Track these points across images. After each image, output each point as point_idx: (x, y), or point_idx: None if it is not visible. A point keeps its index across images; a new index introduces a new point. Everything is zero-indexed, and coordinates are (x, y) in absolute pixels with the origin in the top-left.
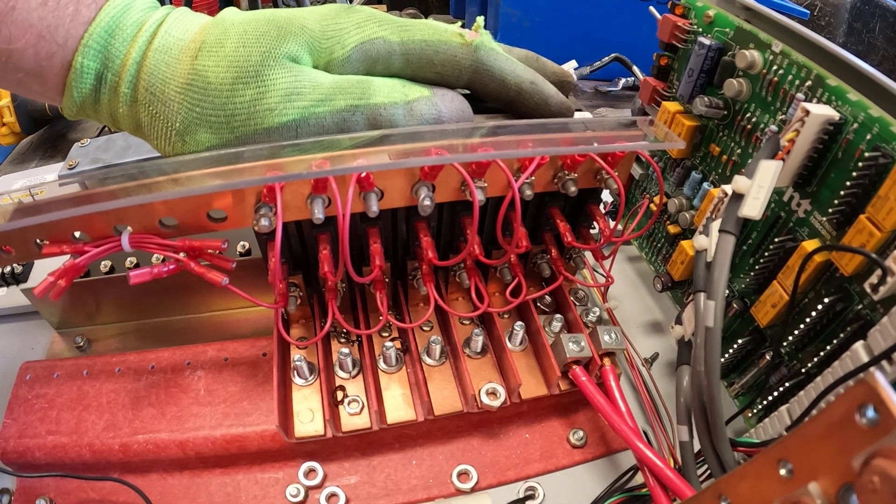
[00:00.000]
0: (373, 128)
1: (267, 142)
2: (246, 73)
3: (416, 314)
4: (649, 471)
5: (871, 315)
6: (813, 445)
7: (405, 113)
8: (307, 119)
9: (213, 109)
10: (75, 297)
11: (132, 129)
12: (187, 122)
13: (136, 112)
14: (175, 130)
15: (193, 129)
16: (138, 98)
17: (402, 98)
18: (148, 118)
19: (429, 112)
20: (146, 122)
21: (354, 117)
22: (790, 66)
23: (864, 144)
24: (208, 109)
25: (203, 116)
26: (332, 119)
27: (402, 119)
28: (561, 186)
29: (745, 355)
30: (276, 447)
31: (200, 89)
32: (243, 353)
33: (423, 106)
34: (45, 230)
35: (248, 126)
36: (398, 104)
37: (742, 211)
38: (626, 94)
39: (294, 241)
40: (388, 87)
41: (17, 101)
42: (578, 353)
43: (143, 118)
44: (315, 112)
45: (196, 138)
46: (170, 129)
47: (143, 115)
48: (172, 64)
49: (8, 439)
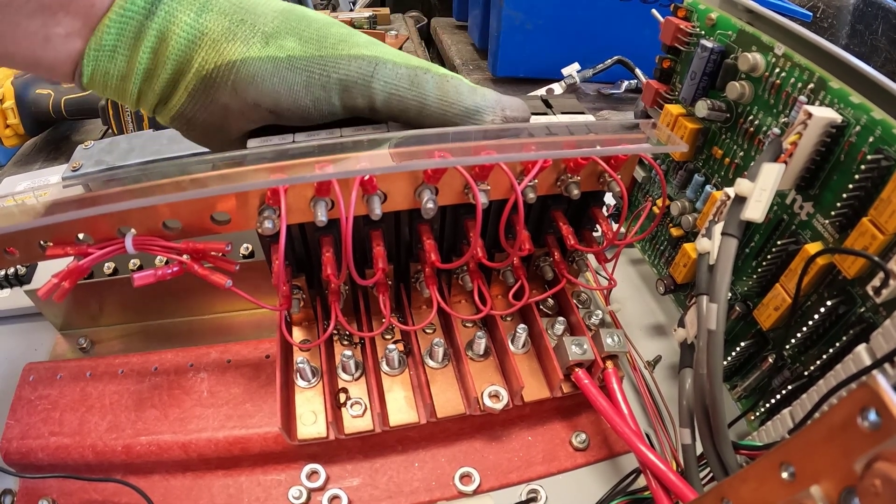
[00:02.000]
0: (441, 93)
1: (345, 69)
2: (342, 24)
3: (418, 317)
4: (652, 474)
5: (874, 318)
6: (815, 448)
7: (469, 89)
8: (385, 62)
9: (308, 29)
10: (79, 299)
11: (189, 39)
12: (279, 29)
13: (207, 20)
14: (262, 33)
15: (283, 35)
16: (217, 7)
17: (467, 80)
18: (227, 23)
19: (491, 94)
20: (222, 27)
21: (426, 76)
22: (792, 69)
23: (867, 147)
24: (304, 27)
25: (297, 30)
26: (405, 71)
27: (467, 93)
28: (564, 189)
29: (748, 358)
30: (279, 449)
31: (300, 16)
32: (246, 355)
33: (486, 90)
34: (50, 232)
35: (336, 49)
36: (465, 81)
37: (744, 214)
38: (629, 97)
39: (297, 243)
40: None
41: (21, 103)
42: (581, 356)
43: (218, 23)
44: (393, 59)
45: (282, 43)
46: (255, 31)
47: (218, 21)
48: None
49: (11, 440)
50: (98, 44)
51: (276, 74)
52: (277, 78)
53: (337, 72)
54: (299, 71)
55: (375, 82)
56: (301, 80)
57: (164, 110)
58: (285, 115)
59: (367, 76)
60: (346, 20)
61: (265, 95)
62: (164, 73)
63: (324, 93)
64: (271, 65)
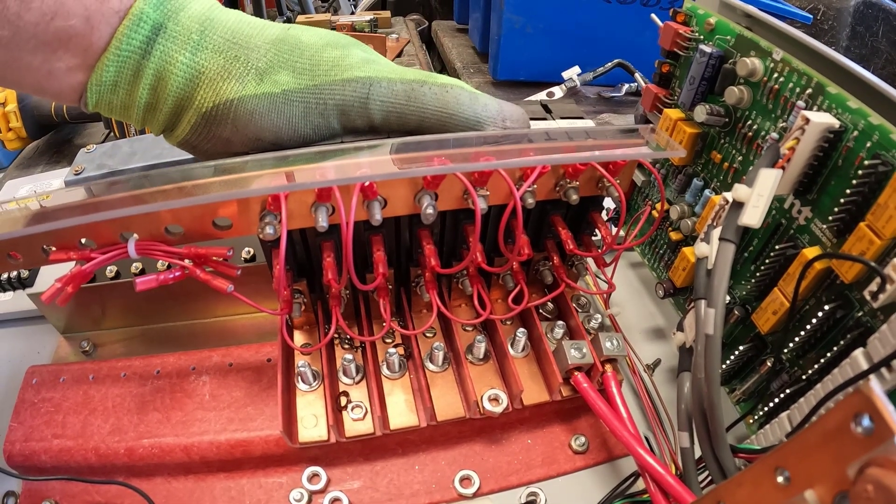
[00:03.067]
0: (440, 104)
1: (340, 94)
2: (335, 43)
3: (419, 321)
4: (650, 477)
5: (871, 322)
6: (810, 453)
7: (470, 98)
8: (380, 81)
9: (300, 59)
10: (81, 302)
11: (185, 78)
12: (272, 63)
13: (202, 59)
14: (255, 70)
15: (276, 70)
16: (211, 45)
17: (468, 86)
18: (222, 61)
19: (492, 104)
20: (217, 65)
21: (423, 88)
22: (791, 74)
23: (864, 152)
24: (296, 57)
25: (289, 62)
26: (402, 87)
27: (468, 102)
28: (563, 195)
29: (747, 361)
30: (280, 452)
31: (292, 45)
32: (248, 358)
33: (487, 98)
34: (53, 237)
35: (329, 75)
36: (465, 89)
37: (742, 219)
38: (629, 100)
39: (298, 248)
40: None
41: (23, 106)
42: (580, 360)
43: (213, 62)
44: (388, 77)
45: (275, 78)
46: (249, 69)
47: (213, 60)
48: (257, 26)
49: (14, 443)
50: (98, 80)
51: (274, 110)
52: (275, 113)
53: (333, 98)
54: (296, 103)
55: (372, 103)
56: (299, 112)
57: (170, 137)
58: (287, 144)
59: (362, 98)
60: (347, 24)
61: (265, 130)
62: (165, 108)
63: (322, 119)
64: (268, 101)
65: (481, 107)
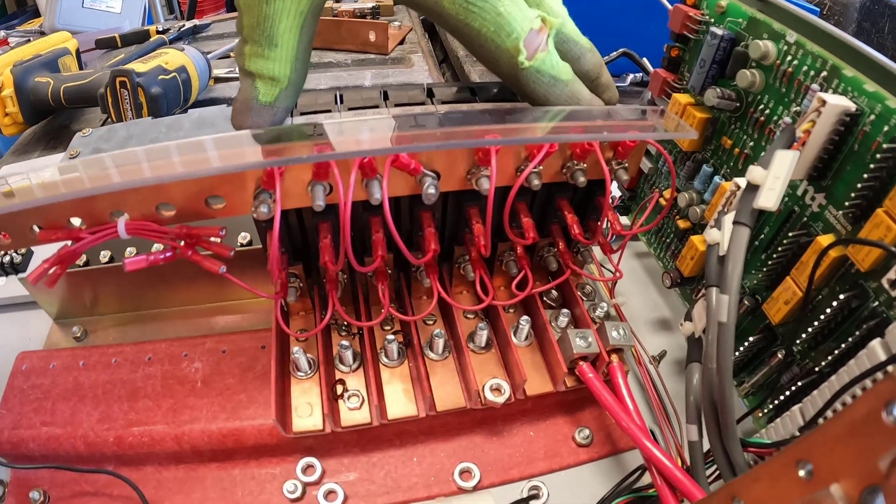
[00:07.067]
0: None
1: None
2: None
3: (418, 307)
4: (657, 470)
5: (888, 312)
6: (835, 445)
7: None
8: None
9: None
10: (73, 288)
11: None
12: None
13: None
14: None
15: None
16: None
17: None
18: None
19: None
20: None
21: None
22: (805, 57)
23: (882, 136)
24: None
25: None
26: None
27: (587, 98)
28: (570, 177)
29: (756, 353)
30: (274, 442)
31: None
32: (242, 344)
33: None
34: (41, 216)
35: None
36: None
37: (758, 202)
38: (634, 90)
39: (294, 230)
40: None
41: (20, 91)
42: (585, 349)
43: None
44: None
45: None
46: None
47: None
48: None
49: (2, 430)
50: None
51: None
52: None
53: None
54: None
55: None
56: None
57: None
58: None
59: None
60: (349, 10)
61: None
62: None
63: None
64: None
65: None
